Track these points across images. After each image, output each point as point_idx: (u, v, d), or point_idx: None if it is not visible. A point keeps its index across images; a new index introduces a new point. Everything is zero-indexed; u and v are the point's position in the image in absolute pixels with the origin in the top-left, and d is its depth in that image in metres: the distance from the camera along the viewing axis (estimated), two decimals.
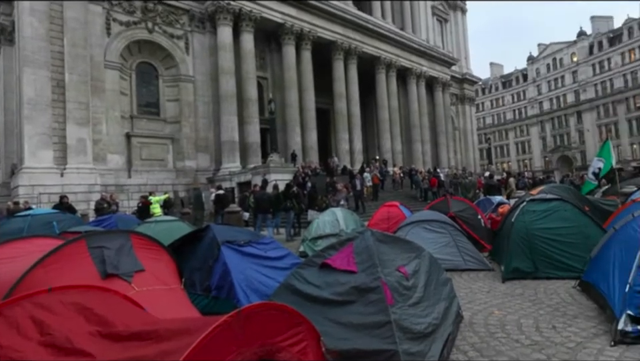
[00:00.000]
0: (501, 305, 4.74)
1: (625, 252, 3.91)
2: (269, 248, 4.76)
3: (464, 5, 40.80)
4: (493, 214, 9.63)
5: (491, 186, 17.17)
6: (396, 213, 9.54)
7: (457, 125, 38.31)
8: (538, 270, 5.74)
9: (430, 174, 23.14)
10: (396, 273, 3.45)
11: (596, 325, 3.86)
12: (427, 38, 33.27)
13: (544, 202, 6.38)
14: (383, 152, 27.94)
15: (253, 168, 19.36)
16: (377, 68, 28.24)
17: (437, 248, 6.50)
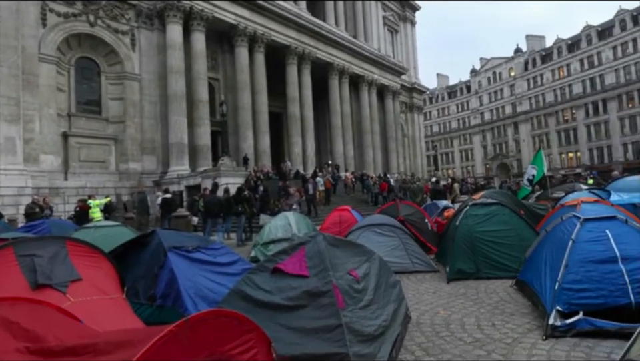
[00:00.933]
0: (445, 305, 4.95)
1: (555, 253, 4.23)
2: (218, 254, 4.62)
3: (413, 18, 42.59)
4: (439, 218, 10.07)
5: (437, 191, 17.93)
6: (347, 217, 9.68)
7: (406, 132, 39.76)
8: (479, 271, 6.08)
9: (380, 179, 23.78)
10: (347, 276, 3.49)
11: (530, 321, 4.15)
12: (378, 47, 34.31)
13: (485, 206, 6.77)
14: (335, 156, 28.33)
15: (203, 171, 18.80)
16: (330, 74, 28.65)
17: (387, 251, 6.68)
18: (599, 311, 3.64)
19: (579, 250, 3.95)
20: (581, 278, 3.79)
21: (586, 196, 7.32)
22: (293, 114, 25.51)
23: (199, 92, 20.67)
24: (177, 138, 19.79)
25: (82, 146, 18.51)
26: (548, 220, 6.29)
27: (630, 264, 3.71)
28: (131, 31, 20.10)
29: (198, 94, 20.62)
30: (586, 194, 8.22)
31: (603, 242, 3.94)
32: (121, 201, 17.27)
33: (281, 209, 13.97)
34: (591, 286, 3.73)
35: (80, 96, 18.95)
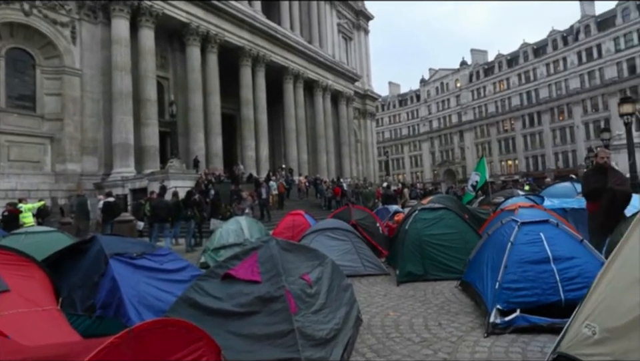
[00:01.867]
0: (395, 307, 5.08)
1: (495, 254, 4.50)
2: (165, 260, 4.42)
3: (367, 26, 43.71)
4: (389, 222, 10.35)
5: (388, 196, 18.47)
6: (301, 221, 9.68)
7: (359, 138, 40.60)
8: (427, 273, 6.31)
9: (334, 183, 24.07)
10: (300, 281, 3.48)
11: (473, 319, 4.36)
12: (333, 53, 34.82)
13: (432, 211, 7.06)
14: (289, 160, 28.28)
15: (150, 173, 17.96)
16: (285, 78, 28.62)
17: (339, 255, 6.75)
18: (534, 308, 3.90)
19: (516, 252, 4.22)
20: (518, 278, 4.05)
21: (523, 201, 7.88)
22: (247, 116, 25.15)
23: (147, 90, 19.77)
24: (121, 139, 18.76)
25: (12, 144, 16.97)
26: (490, 224, 6.68)
27: (560, 263, 4.03)
28: (72, 23, 18.81)
29: (146, 93, 19.72)
30: (523, 199, 8.85)
31: (537, 243, 4.24)
32: (57, 205, 16.02)
33: (233, 213, 13.68)
34: (527, 285, 4.00)
35: (11, 90, 17.39)
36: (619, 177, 5.52)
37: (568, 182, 12.75)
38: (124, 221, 11.86)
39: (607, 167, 5.53)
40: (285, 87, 28.71)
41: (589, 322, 2.59)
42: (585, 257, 4.07)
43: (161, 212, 11.32)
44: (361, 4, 42.28)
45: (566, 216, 6.80)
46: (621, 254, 2.60)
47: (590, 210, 5.69)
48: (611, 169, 5.58)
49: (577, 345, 2.63)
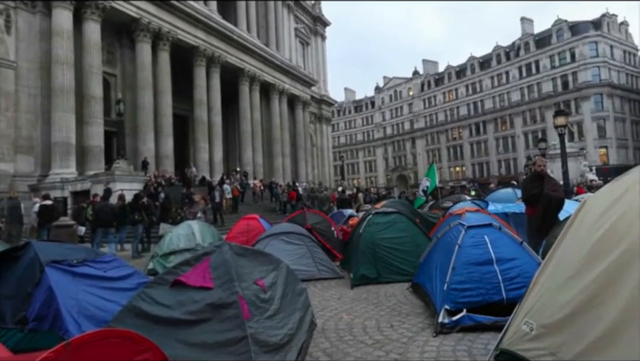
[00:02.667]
0: (349, 310, 5.14)
1: (444, 257, 4.68)
2: (109, 267, 4.15)
3: (324, 32, 44.23)
4: (344, 226, 10.46)
5: (343, 200, 18.68)
6: (255, 226, 9.54)
7: (315, 142, 40.86)
8: (380, 276, 6.44)
9: (289, 187, 24.00)
10: (253, 286, 3.42)
11: (423, 320, 4.51)
12: (290, 57, 34.84)
13: (385, 215, 7.24)
14: (244, 164, 27.83)
15: (93, 175, 16.91)
16: (240, 79, 28.20)
17: (294, 259, 6.72)
18: (479, 307, 4.10)
19: (463, 254, 4.42)
20: (464, 279, 4.24)
21: (469, 205, 8.28)
22: (200, 118, 24.46)
23: (92, 87, 18.64)
24: (61, 137, 17.51)
25: None
26: (439, 227, 6.95)
27: (502, 265, 4.27)
28: (6, 11, 17.37)
29: (90, 90, 18.58)
30: (469, 204, 9.31)
31: (482, 246, 4.47)
32: None
33: (184, 217, 13.21)
34: (472, 285, 4.20)
35: None
36: (553, 184, 5.98)
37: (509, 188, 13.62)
38: (63, 226, 11.03)
39: (544, 174, 5.96)
40: (241, 89, 28.29)
41: (527, 319, 2.76)
42: (524, 258, 4.35)
43: (105, 216, 10.66)
44: (318, 10, 42.75)
45: (508, 219, 7.23)
46: (555, 255, 2.80)
47: (528, 214, 6.10)
48: (547, 176, 6.02)
49: (517, 341, 2.79)
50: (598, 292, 2.32)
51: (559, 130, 13.46)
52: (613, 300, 2.22)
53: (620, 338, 2.17)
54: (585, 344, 2.33)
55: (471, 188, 24.48)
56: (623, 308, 2.17)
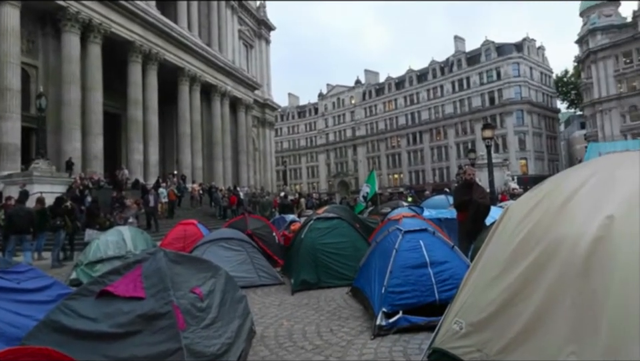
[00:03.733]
0: (289, 316, 5.10)
1: (382, 261, 4.83)
2: (24, 278, 3.74)
3: (268, 36, 44.00)
4: (285, 231, 10.41)
5: (285, 205, 18.63)
6: (193, 231, 9.17)
7: (258, 146, 40.36)
8: (321, 281, 6.49)
9: (230, 192, 23.42)
10: (190, 295, 3.27)
11: (362, 323, 4.60)
12: (233, 59, 34.17)
13: (327, 220, 7.32)
14: (182, 167, 26.67)
15: (6, 176, 15.23)
16: (180, 79, 27.08)
17: (234, 266, 6.56)
18: (414, 309, 4.28)
19: (400, 258, 4.60)
20: (401, 282, 4.40)
21: (406, 211, 8.64)
22: (135, 117, 23.05)
23: (7, 78, 16.81)
24: None
25: None
26: (378, 232, 7.16)
27: (435, 267, 4.50)
28: None
29: (6, 81, 16.75)
30: (406, 209, 9.71)
31: (417, 250, 4.68)
32: None
33: (114, 223, 12.32)
34: (408, 288, 4.37)
35: None
36: (481, 191, 6.45)
37: (443, 195, 14.48)
38: None
39: (473, 183, 6.42)
40: (180, 89, 27.16)
41: (457, 318, 2.92)
42: (455, 261, 4.62)
43: (20, 221, 9.61)
44: (263, 13, 42.48)
45: (441, 225, 7.66)
46: (482, 258, 3.01)
47: (459, 220, 6.52)
48: (476, 185, 6.49)
49: (448, 339, 2.94)
50: (518, 291, 2.52)
51: (486, 142, 14.56)
52: (531, 298, 2.43)
53: (535, 333, 2.37)
54: (507, 340, 2.52)
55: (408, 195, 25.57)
56: (538, 305, 2.38)
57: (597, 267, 2.11)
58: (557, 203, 2.53)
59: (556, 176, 2.99)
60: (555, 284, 2.30)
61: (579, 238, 2.22)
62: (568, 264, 2.25)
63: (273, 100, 43.93)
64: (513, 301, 2.54)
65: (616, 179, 2.34)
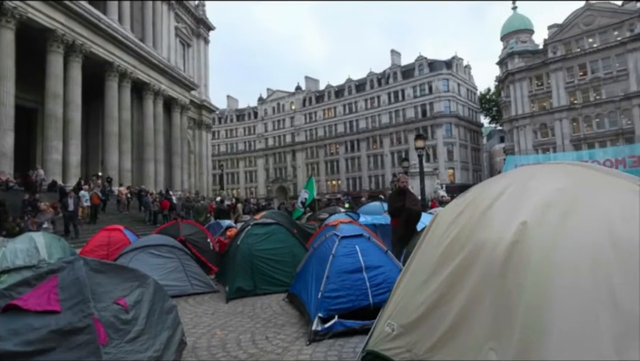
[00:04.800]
0: (223, 325, 4.94)
1: (319, 266, 4.87)
2: None
3: (207, 36, 42.71)
4: (221, 237, 10.11)
5: (221, 211, 18.12)
6: (119, 238, 8.53)
7: (193, 149, 38.83)
8: (257, 288, 6.38)
9: (162, 196, 22.25)
10: (113, 306, 3.03)
11: (298, 329, 4.59)
12: (168, 57, 32.64)
13: (264, 226, 7.23)
14: (108, 168, 24.78)
15: None
16: (108, 74, 25.23)
17: (164, 274, 6.23)
18: (349, 313, 4.36)
19: (336, 263, 4.67)
20: (337, 287, 4.47)
21: (343, 217, 8.83)
22: (54, 113, 20.98)
23: None
24: None
25: None
26: (315, 238, 7.22)
27: (370, 272, 4.64)
28: None
29: None
30: (343, 215, 9.93)
31: (353, 255, 4.78)
32: None
33: (25, 228, 11.11)
34: (344, 292, 4.45)
35: None
36: (413, 198, 6.79)
37: (378, 202, 15.01)
38: None
39: (406, 190, 6.73)
40: (108, 85, 25.28)
41: (390, 321, 3.03)
42: (388, 265, 4.80)
43: None
44: (202, 12, 41.18)
45: (375, 230, 7.92)
46: (413, 262, 3.15)
47: (392, 226, 6.79)
48: (408, 192, 6.81)
49: (380, 342, 3.04)
50: (445, 293, 2.67)
51: (419, 152, 15.41)
52: (456, 299, 2.59)
53: (459, 331, 2.53)
54: (435, 339, 2.66)
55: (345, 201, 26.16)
56: (462, 305, 2.54)
57: (513, 269, 2.31)
58: (479, 210, 2.73)
59: (479, 185, 3.23)
60: (477, 286, 2.48)
61: (498, 242, 2.42)
62: (488, 266, 2.43)
63: (211, 101, 42.62)
64: (440, 302, 2.69)
65: (529, 189, 2.59)
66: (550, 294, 2.10)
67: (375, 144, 63.70)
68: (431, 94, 58.20)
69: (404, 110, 60.62)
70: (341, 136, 67.05)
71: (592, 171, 2.55)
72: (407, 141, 57.85)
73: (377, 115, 63.47)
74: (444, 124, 57.04)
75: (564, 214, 2.28)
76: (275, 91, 77.07)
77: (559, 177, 2.57)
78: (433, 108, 57.75)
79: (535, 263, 2.22)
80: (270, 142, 75.90)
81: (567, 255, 2.13)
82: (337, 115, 68.17)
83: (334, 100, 68.86)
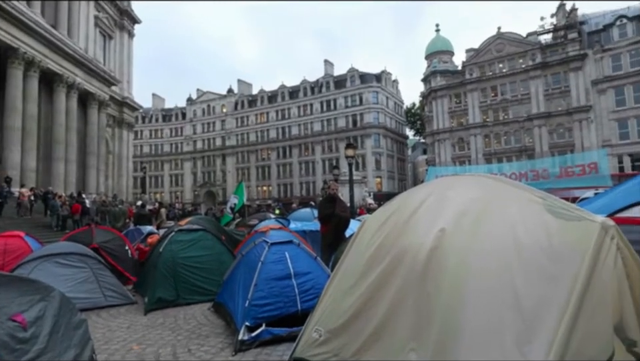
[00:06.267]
0: (141, 339, 4.59)
1: (247, 273, 4.76)
2: None
3: (132, 29, 40.02)
4: (141, 245, 9.45)
5: (142, 216, 16.91)
6: (17, 245, 7.56)
7: (112, 149, 35.94)
8: (180, 297, 6.04)
9: (73, 199, 20.22)
10: (9, 323, 2.66)
11: (223, 340, 4.42)
12: (85, 47, 29.95)
13: (190, 232, 6.89)
14: (8, 167, 21.89)
15: None
16: (12, 61, 22.43)
17: (73, 286, 5.66)
18: (277, 320, 4.31)
19: (265, 270, 4.60)
20: (265, 294, 4.40)
21: (273, 223, 8.76)
22: None
23: None
24: None
25: None
26: (244, 245, 7.05)
27: (299, 278, 4.64)
28: None
29: None
30: (273, 222, 9.85)
31: (282, 262, 4.75)
32: None
33: None
34: (272, 300, 4.39)
35: None
36: (343, 206, 6.95)
37: (308, 208, 15.14)
38: None
39: (336, 197, 6.87)
40: (11, 73, 22.46)
41: (317, 327, 3.05)
42: (317, 271, 4.84)
43: None
44: (127, 3, 38.52)
45: (305, 236, 7.96)
46: (341, 268, 3.21)
47: (322, 232, 6.88)
48: (338, 199, 6.96)
49: (307, 348, 3.04)
50: (371, 297, 2.76)
51: (349, 160, 15.86)
52: (381, 302, 2.69)
53: (384, 333, 2.63)
54: (360, 342, 2.73)
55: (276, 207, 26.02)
56: (387, 308, 2.64)
57: (432, 272, 2.46)
58: (403, 218, 2.88)
59: (403, 194, 3.41)
60: (401, 289, 2.60)
61: (419, 248, 2.56)
62: (411, 271, 2.57)
63: (134, 99, 39.88)
64: (367, 306, 2.77)
65: (447, 198, 2.78)
66: (464, 296, 2.27)
67: (307, 151, 64.40)
68: (361, 105, 60.47)
69: (335, 119, 62.19)
70: (273, 141, 66.74)
71: (500, 183, 2.82)
72: (337, 149, 59.31)
73: (310, 123, 64.30)
74: (373, 134, 59.53)
75: (476, 222, 2.48)
76: (205, 92, 74.48)
77: (473, 188, 2.80)
78: (363, 119, 60.03)
79: (451, 267, 2.38)
80: (199, 145, 73.01)
81: (479, 259, 2.32)
82: (269, 120, 67.80)
83: (267, 106, 68.44)
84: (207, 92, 74.37)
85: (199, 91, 75.43)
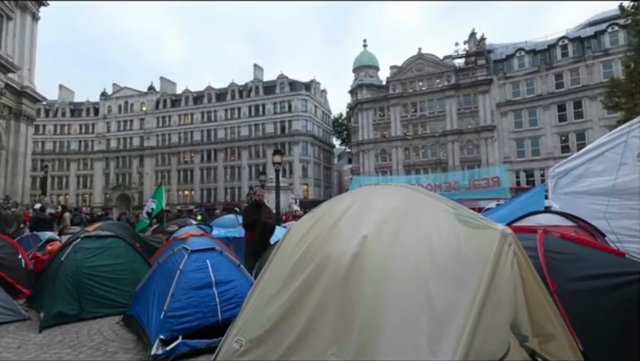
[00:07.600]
0: (33, 360, 4.05)
1: (164, 283, 4.47)
2: None
3: (37, 11, 35.85)
4: (38, 253, 8.41)
5: (40, 220, 15.09)
6: None
7: (6, 144, 31.61)
8: (84, 311, 5.46)
9: None
10: None
11: (134, 355, 4.08)
12: None
13: (99, 238, 6.30)
14: None
15: None
16: None
17: None
18: (196, 332, 4.09)
19: (184, 279, 4.36)
20: (183, 305, 4.16)
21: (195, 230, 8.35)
22: None
23: None
24: None
25: None
26: (161, 252, 6.62)
27: (221, 287, 4.47)
28: None
29: None
30: (195, 228, 9.41)
31: (203, 270, 4.55)
32: None
33: None
34: (190, 310, 4.17)
35: None
36: (268, 212, 6.88)
37: (232, 214, 14.75)
38: None
39: (262, 203, 6.78)
40: None
41: (238, 337, 2.95)
42: (240, 279, 4.71)
43: None
44: None
45: (229, 243, 7.71)
46: (265, 275, 3.16)
47: (246, 239, 6.74)
48: (264, 205, 6.88)
49: (228, 359, 2.93)
50: (294, 304, 2.75)
51: (276, 167, 15.80)
52: (305, 308, 2.69)
53: (307, 339, 2.63)
54: (283, 350, 2.70)
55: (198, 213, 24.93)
56: (310, 314, 2.65)
57: (354, 278, 2.52)
58: (328, 225, 2.93)
59: (328, 201, 3.47)
60: (324, 295, 2.63)
61: (343, 254, 2.62)
62: (334, 277, 2.61)
63: (36, 89, 35.62)
64: (290, 313, 2.76)
65: (369, 206, 2.90)
66: (383, 300, 2.37)
67: (233, 156, 62.91)
68: (290, 112, 60.81)
69: (264, 125, 61.72)
70: (197, 144, 64.08)
71: (418, 193, 3.00)
72: (265, 155, 58.85)
73: (237, 127, 63.00)
74: (301, 142, 60.12)
75: (396, 230, 2.62)
76: (122, 88, 69.20)
77: (393, 197, 2.95)
78: (292, 126, 60.39)
79: (372, 272, 2.47)
80: (112, 144, 67.42)
81: (397, 265, 2.44)
82: (194, 122, 65.04)
83: (192, 106, 65.63)
84: (124, 87, 69.21)
85: (115, 86, 69.87)
